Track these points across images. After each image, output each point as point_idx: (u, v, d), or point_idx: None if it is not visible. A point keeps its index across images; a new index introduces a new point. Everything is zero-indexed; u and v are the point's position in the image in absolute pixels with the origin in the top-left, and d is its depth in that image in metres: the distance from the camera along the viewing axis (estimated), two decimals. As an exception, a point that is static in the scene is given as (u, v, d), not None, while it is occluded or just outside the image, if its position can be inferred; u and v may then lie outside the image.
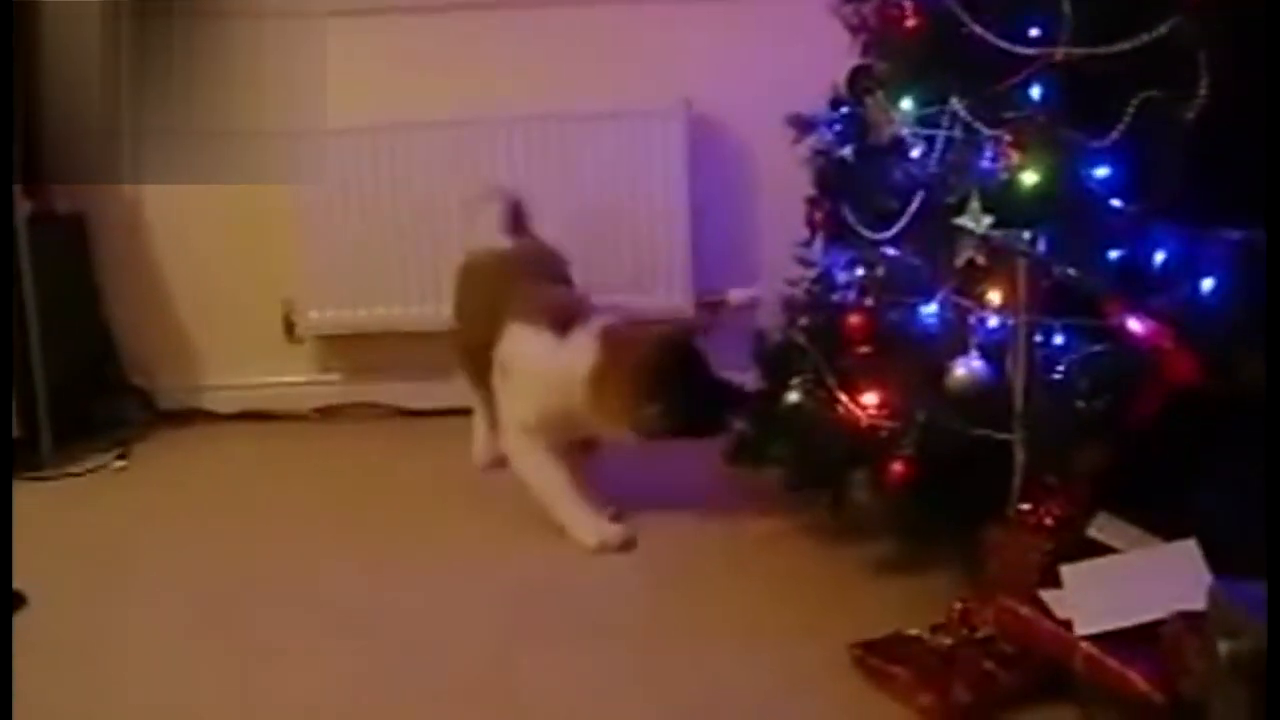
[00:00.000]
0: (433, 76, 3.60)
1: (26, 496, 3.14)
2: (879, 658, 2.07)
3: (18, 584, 2.53)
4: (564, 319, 2.66)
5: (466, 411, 3.34)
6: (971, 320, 2.24)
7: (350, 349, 3.78)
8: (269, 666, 2.26)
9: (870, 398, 2.40)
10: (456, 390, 3.29)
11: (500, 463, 2.88)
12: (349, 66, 3.58)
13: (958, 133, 2.18)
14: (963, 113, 2.16)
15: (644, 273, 3.55)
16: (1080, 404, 2.12)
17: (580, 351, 2.61)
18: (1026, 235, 2.12)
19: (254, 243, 3.69)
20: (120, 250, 3.77)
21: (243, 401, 3.78)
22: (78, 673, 2.27)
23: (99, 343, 3.74)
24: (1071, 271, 2.10)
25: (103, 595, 2.56)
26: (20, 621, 2.45)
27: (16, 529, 2.84)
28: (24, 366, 3.32)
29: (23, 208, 3.37)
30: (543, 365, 2.65)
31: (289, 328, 3.73)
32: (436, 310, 3.53)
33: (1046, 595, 1.98)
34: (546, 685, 2.14)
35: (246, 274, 3.73)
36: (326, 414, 3.78)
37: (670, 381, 2.58)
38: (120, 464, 3.38)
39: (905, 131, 2.27)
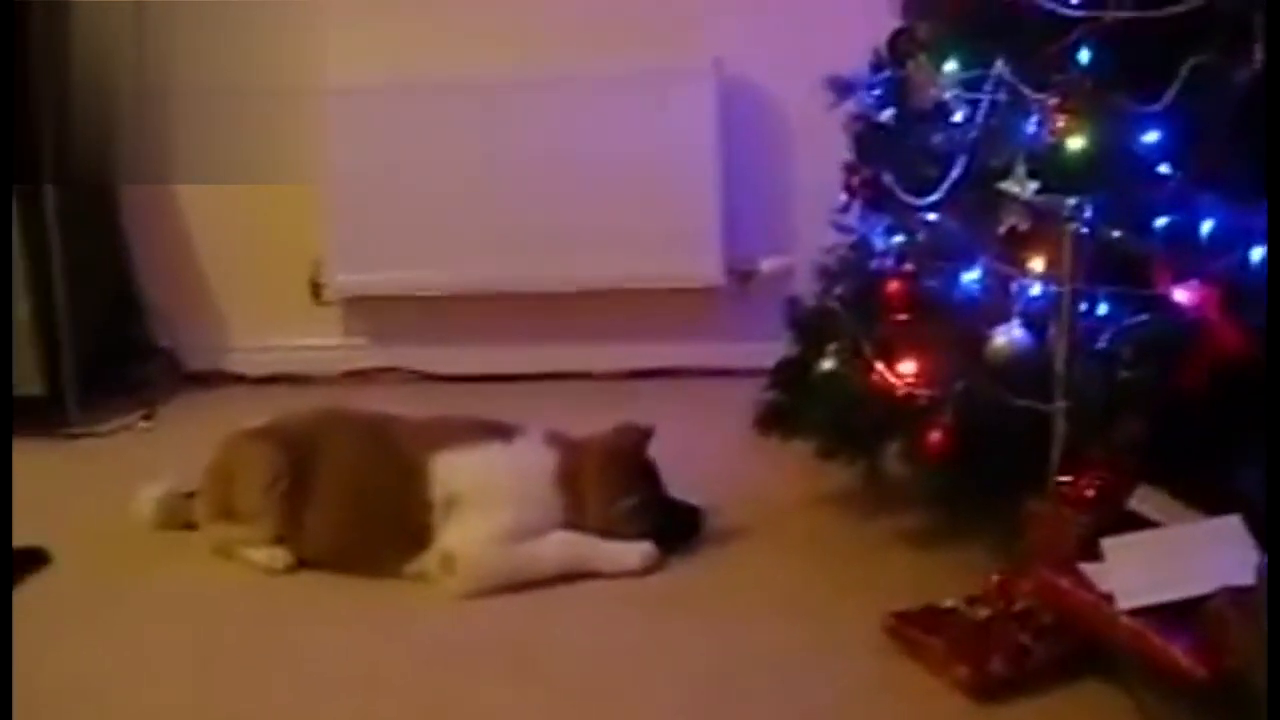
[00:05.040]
0: (461, 37, 3.57)
1: (52, 455, 3.16)
2: (914, 628, 2.05)
3: (42, 542, 2.54)
4: (499, 431, 2.49)
5: (494, 378, 3.33)
6: (1013, 288, 2.20)
7: (377, 312, 3.76)
8: (291, 627, 2.26)
9: (908, 366, 2.36)
10: (484, 355, 3.28)
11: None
12: (379, 26, 3.56)
13: (1003, 96, 2.14)
14: (1008, 76, 2.11)
15: (673, 240, 3.51)
16: (1123, 374, 2.09)
17: (538, 455, 2.46)
18: (1072, 201, 2.09)
19: (281, 205, 3.67)
20: (147, 211, 3.76)
21: (269, 364, 3.77)
22: (100, 630, 2.27)
23: (126, 303, 3.74)
24: (1116, 234, 2.07)
25: (126, 553, 2.55)
26: (44, 579, 2.45)
27: (41, 487, 2.86)
28: (50, 326, 3.32)
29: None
30: (504, 474, 2.45)
31: (316, 290, 3.71)
32: (466, 274, 3.51)
33: (1086, 568, 1.95)
34: (573, 652, 2.13)
35: (274, 236, 3.71)
36: (352, 378, 3.77)
37: (642, 473, 2.47)
38: (145, 424, 3.38)
39: (948, 95, 2.23)
